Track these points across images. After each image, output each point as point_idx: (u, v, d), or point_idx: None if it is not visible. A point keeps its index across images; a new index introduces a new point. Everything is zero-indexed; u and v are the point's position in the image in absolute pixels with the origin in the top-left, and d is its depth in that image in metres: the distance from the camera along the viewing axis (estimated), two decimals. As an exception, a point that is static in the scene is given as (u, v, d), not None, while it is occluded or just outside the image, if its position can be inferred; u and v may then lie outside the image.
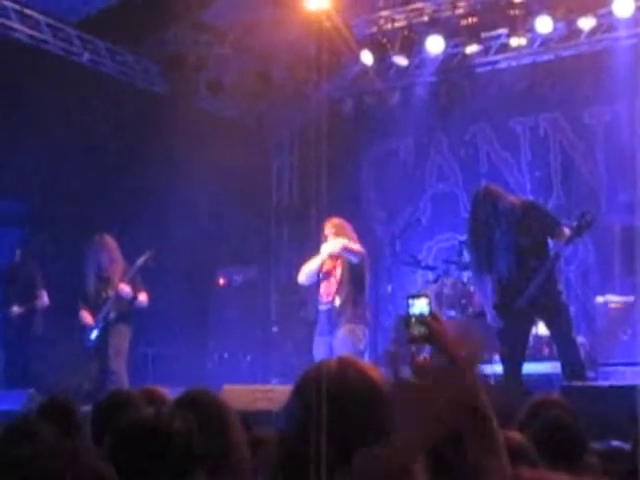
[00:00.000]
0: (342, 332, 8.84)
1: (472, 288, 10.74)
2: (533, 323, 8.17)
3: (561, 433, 3.75)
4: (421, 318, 2.60)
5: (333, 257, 9.07)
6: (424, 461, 2.24)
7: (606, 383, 8.35)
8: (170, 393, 8.70)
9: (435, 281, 11.13)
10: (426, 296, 2.70)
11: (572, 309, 8.78)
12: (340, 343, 8.85)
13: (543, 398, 4.30)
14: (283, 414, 2.20)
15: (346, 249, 8.87)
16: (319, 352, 9.03)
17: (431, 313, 2.65)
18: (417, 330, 2.60)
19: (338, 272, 8.98)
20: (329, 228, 9.11)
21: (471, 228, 8.20)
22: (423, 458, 2.20)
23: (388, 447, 1.87)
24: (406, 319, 2.65)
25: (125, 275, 9.63)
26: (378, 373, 2.18)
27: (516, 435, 3.25)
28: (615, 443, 5.91)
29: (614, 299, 10.10)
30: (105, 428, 4.14)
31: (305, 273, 9.17)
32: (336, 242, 8.99)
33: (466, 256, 10.83)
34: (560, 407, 3.99)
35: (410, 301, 2.69)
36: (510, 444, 3.17)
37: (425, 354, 2.17)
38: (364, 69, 12.38)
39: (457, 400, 1.95)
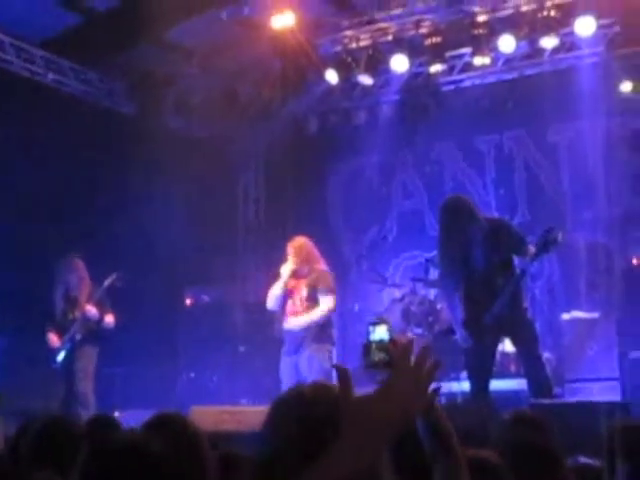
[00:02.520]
0: (308, 352, 8.81)
1: (439, 306, 10.78)
2: (499, 340, 8.19)
3: (536, 452, 3.76)
4: (381, 344, 2.64)
5: (297, 276, 9.05)
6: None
7: (573, 400, 8.42)
8: (137, 415, 8.70)
9: (402, 299, 11.15)
10: (386, 322, 2.73)
11: (538, 325, 8.82)
12: (306, 362, 8.82)
13: (516, 415, 4.31)
14: (257, 440, 2.19)
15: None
16: (285, 372, 9.00)
17: (391, 339, 2.68)
18: (377, 356, 2.64)
19: (304, 292, 8.96)
20: (289, 248, 9.11)
21: (443, 242, 8.00)
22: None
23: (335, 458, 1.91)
24: (366, 346, 2.68)
25: (92, 296, 9.57)
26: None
27: (491, 455, 3.26)
28: (582, 459, 5.96)
29: (580, 315, 10.17)
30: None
31: (271, 299, 9.16)
32: (286, 267, 9.00)
33: (433, 274, 10.87)
34: (533, 424, 4.00)
35: (370, 328, 2.73)
36: (485, 464, 3.20)
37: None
38: (329, 88, 12.43)
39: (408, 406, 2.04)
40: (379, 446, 2.03)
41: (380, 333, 2.69)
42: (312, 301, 8.92)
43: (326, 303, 8.93)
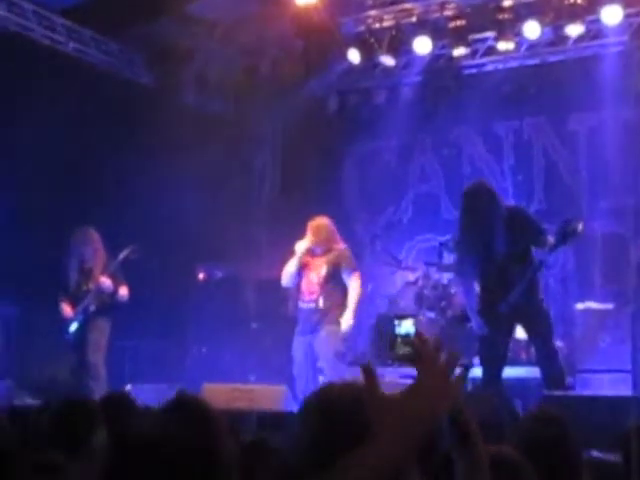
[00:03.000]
0: (324, 333, 8.80)
1: (452, 290, 10.76)
2: (514, 329, 8.16)
3: (559, 452, 3.74)
4: (406, 339, 2.64)
5: (313, 254, 9.03)
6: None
7: (587, 393, 8.39)
8: (148, 390, 8.72)
9: (415, 282, 11.13)
10: (412, 317, 2.74)
11: (551, 314, 8.77)
12: (321, 343, 8.82)
13: (539, 414, 4.28)
14: (289, 440, 2.18)
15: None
16: (299, 351, 9.01)
17: (417, 333, 2.68)
18: (402, 350, 2.65)
19: (323, 270, 8.93)
20: (309, 227, 9.09)
21: (466, 227, 7.91)
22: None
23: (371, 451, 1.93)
24: (391, 339, 2.69)
25: (107, 268, 9.57)
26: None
27: (512, 452, 3.24)
28: (595, 454, 5.95)
29: (593, 306, 10.13)
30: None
31: (286, 276, 9.14)
32: (301, 244, 8.98)
33: (446, 258, 10.85)
34: (558, 424, 3.97)
35: (396, 321, 2.73)
36: (506, 461, 3.18)
37: None
38: (350, 67, 12.37)
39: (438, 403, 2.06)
40: (411, 444, 2.01)
41: (406, 327, 2.70)
42: (333, 279, 8.89)
43: (355, 283, 8.92)
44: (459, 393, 2.30)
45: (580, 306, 10.18)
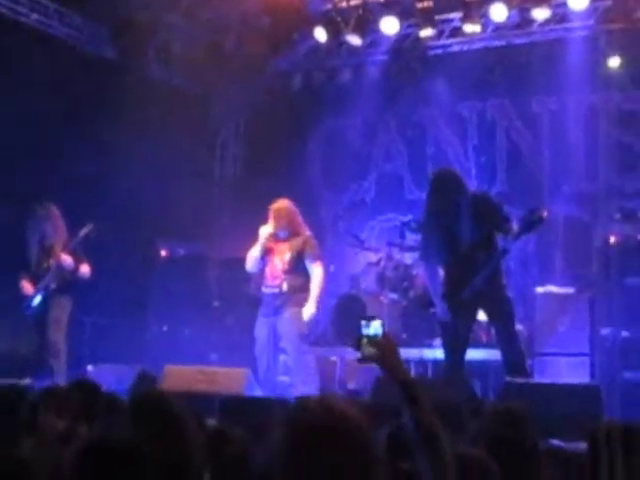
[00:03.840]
0: (288, 315, 8.82)
1: (414, 271, 10.79)
2: (476, 315, 8.20)
3: (516, 448, 3.77)
4: (373, 340, 2.67)
5: (280, 240, 9.03)
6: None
7: (548, 380, 8.47)
8: (109, 371, 8.67)
9: (377, 263, 11.14)
10: (380, 318, 2.76)
11: (512, 297, 8.82)
12: (285, 324, 8.85)
13: (496, 409, 4.31)
14: (270, 453, 2.17)
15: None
16: (261, 331, 9.03)
17: (384, 335, 2.70)
18: (367, 351, 2.70)
19: (287, 255, 8.94)
20: (271, 211, 9.07)
21: (430, 211, 7.90)
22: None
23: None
24: (358, 340, 2.72)
25: (67, 246, 9.48)
26: (357, 414, 2.18)
27: (480, 454, 3.26)
28: (556, 442, 6.01)
29: (554, 290, 10.21)
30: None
31: (250, 261, 9.14)
32: (264, 229, 8.97)
33: (409, 238, 10.87)
34: (514, 418, 3.99)
35: (363, 322, 2.76)
36: (475, 464, 3.19)
37: None
38: (316, 45, 12.31)
39: None
40: None
41: (375, 328, 2.73)
42: (296, 265, 8.91)
43: (318, 270, 8.94)
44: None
45: (540, 290, 10.24)
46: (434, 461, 2.58)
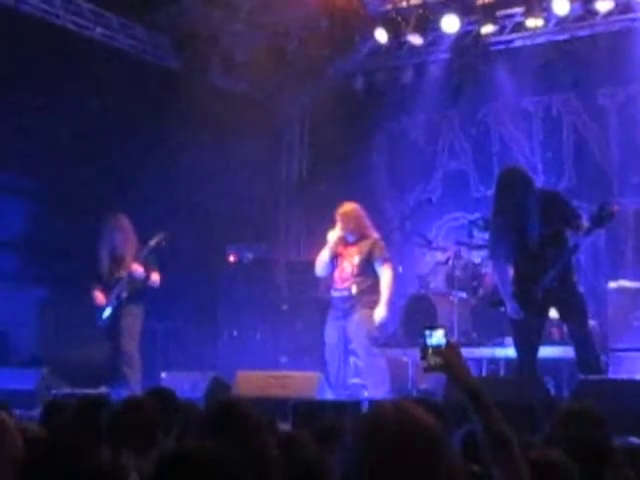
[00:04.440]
0: (357, 317, 8.84)
1: (483, 270, 10.73)
2: (548, 312, 8.12)
3: (591, 447, 3.74)
4: (438, 349, 2.69)
5: (349, 244, 9.04)
6: None
7: (623, 376, 8.36)
8: (183, 379, 8.75)
9: (445, 263, 11.09)
10: (443, 327, 2.78)
11: (582, 291, 8.72)
12: (354, 326, 8.86)
13: (572, 409, 4.27)
14: (341, 458, 2.18)
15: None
16: (331, 335, 9.05)
17: (448, 344, 2.71)
18: (433, 361, 2.72)
19: (355, 259, 8.95)
20: (338, 214, 9.08)
21: (499, 210, 7.89)
22: None
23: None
24: (423, 350, 2.74)
25: (138, 255, 9.60)
26: (433, 421, 2.17)
27: (559, 455, 3.23)
28: (634, 440, 5.93)
29: (626, 284, 10.06)
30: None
31: (319, 266, 9.17)
32: (333, 233, 8.98)
33: (477, 236, 10.81)
34: (590, 419, 3.96)
35: (427, 332, 2.78)
36: (554, 465, 3.16)
37: None
38: (377, 46, 12.31)
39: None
40: None
41: (437, 338, 2.76)
42: (365, 268, 8.92)
43: (388, 272, 8.95)
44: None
45: (612, 284, 10.09)
46: (506, 467, 2.57)
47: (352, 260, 8.96)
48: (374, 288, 8.89)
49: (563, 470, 3.05)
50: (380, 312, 8.82)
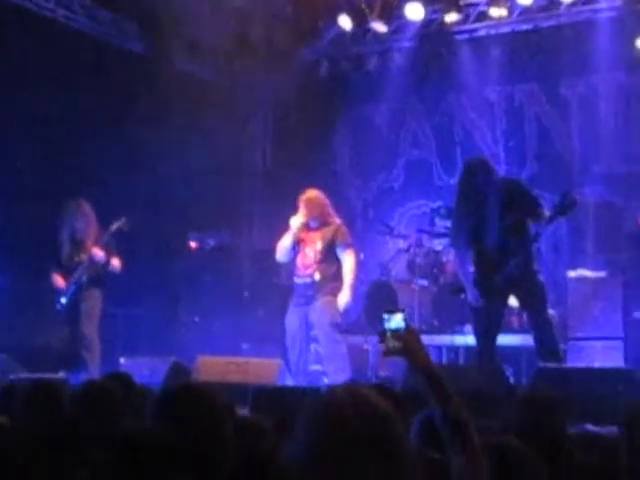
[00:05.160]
0: (320, 303, 8.82)
1: (444, 258, 10.77)
2: (508, 300, 8.17)
3: (546, 434, 3.77)
4: (396, 333, 2.68)
5: (311, 230, 9.02)
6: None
7: (581, 364, 8.43)
8: (142, 364, 8.71)
9: (407, 250, 11.12)
10: (402, 311, 2.77)
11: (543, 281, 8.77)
12: (316, 313, 8.84)
13: (528, 396, 4.30)
14: (290, 444, 2.17)
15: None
16: (292, 321, 9.03)
17: (406, 328, 2.71)
18: (392, 344, 2.71)
19: (318, 245, 8.93)
20: (301, 201, 9.05)
21: (461, 199, 7.96)
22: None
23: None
24: (381, 334, 2.73)
25: (99, 240, 9.54)
26: (386, 404, 2.17)
27: (516, 442, 3.25)
28: (590, 427, 5.98)
29: (586, 274, 10.14)
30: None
31: (280, 251, 9.13)
32: (296, 219, 8.97)
33: (438, 224, 10.85)
34: (546, 405, 3.99)
35: (386, 316, 2.77)
36: (511, 452, 3.18)
37: None
38: (342, 33, 12.30)
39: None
40: None
41: (396, 321, 2.75)
42: (328, 254, 8.90)
43: (350, 258, 8.94)
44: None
45: (572, 274, 10.17)
46: (464, 451, 2.58)
47: (315, 246, 8.93)
48: (337, 275, 8.88)
49: (518, 455, 3.06)
50: (344, 297, 8.83)
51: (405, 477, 2.07)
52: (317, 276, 8.84)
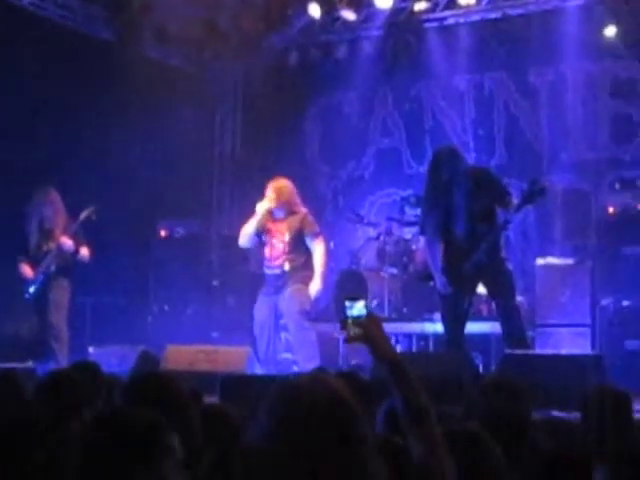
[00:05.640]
0: (290, 291, 8.84)
1: (414, 246, 10.80)
2: (476, 288, 8.22)
3: (509, 419, 3.79)
4: (358, 320, 2.71)
5: (277, 220, 9.01)
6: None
7: (548, 351, 8.50)
8: (111, 353, 8.70)
9: (377, 238, 11.14)
10: (363, 298, 2.79)
11: (511, 268, 8.83)
12: (286, 301, 8.86)
13: (492, 381, 4.33)
14: (252, 428, 2.17)
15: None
16: (261, 310, 9.04)
17: (368, 315, 2.73)
18: (353, 331, 2.74)
19: (286, 236, 8.93)
20: (269, 188, 9.04)
21: (430, 187, 8.02)
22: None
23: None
24: (343, 321, 2.75)
25: (67, 229, 9.49)
26: (348, 392, 2.18)
27: (475, 427, 3.27)
28: (556, 413, 6.04)
29: (554, 261, 10.21)
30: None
31: (244, 236, 9.13)
32: (262, 205, 8.95)
33: (408, 213, 10.88)
34: (509, 391, 4.02)
35: (348, 303, 2.79)
36: (469, 437, 3.21)
37: None
38: (311, 21, 12.27)
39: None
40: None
41: (358, 309, 2.77)
42: (296, 244, 8.91)
43: (320, 247, 8.96)
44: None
45: (540, 261, 10.24)
46: (424, 437, 2.60)
47: (282, 237, 8.94)
48: (307, 264, 8.90)
49: (477, 441, 3.08)
50: (315, 286, 8.85)
51: (366, 461, 2.09)
52: (287, 266, 8.86)
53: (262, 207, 8.96)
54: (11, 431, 2.95)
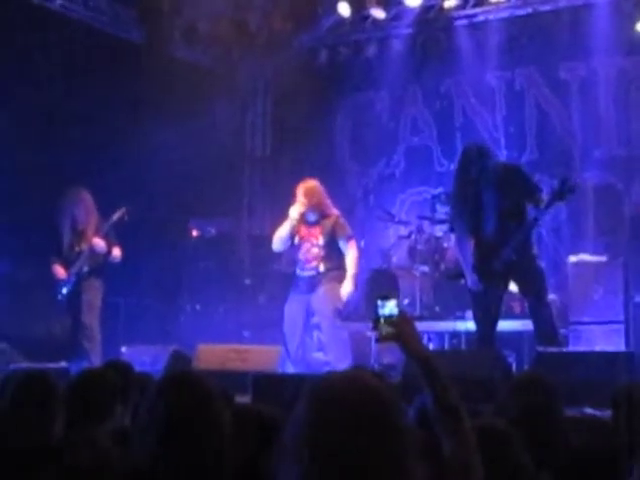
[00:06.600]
0: (323, 290, 8.86)
1: (445, 244, 10.76)
2: (507, 285, 8.18)
3: (540, 418, 3.77)
4: (389, 319, 2.70)
5: (310, 223, 9.03)
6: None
7: (580, 348, 8.44)
8: (143, 352, 8.74)
9: (408, 236, 11.12)
10: (395, 297, 2.78)
11: (543, 265, 8.77)
12: (319, 300, 8.88)
13: (522, 379, 4.31)
14: (290, 423, 2.16)
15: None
16: (292, 309, 9.04)
17: (400, 314, 2.72)
18: (385, 330, 2.73)
19: (320, 240, 8.95)
20: (299, 190, 9.04)
21: (460, 185, 8.01)
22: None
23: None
24: (375, 320, 2.74)
25: (99, 229, 9.55)
26: (383, 386, 2.17)
27: (502, 424, 3.26)
28: (588, 410, 6.00)
29: (586, 258, 10.14)
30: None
31: (277, 241, 9.14)
32: (294, 209, 8.96)
33: (439, 210, 10.84)
34: (540, 388, 4.00)
35: (379, 302, 2.78)
36: (497, 434, 3.20)
37: None
38: (340, 20, 12.28)
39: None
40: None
41: (390, 308, 2.76)
42: (330, 248, 8.94)
43: (353, 251, 8.98)
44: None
45: (573, 258, 10.17)
46: (454, 437, 2.60)
47: (317, 241, 8.97)
48: (339, 265, 8.94)
49: (503, 437, 3.08)
50: (347, 288, 8.87)
51: (404, 453, 2.08)
52: (321, 267, 8.90)
53: (295, 211, 8.97)
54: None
